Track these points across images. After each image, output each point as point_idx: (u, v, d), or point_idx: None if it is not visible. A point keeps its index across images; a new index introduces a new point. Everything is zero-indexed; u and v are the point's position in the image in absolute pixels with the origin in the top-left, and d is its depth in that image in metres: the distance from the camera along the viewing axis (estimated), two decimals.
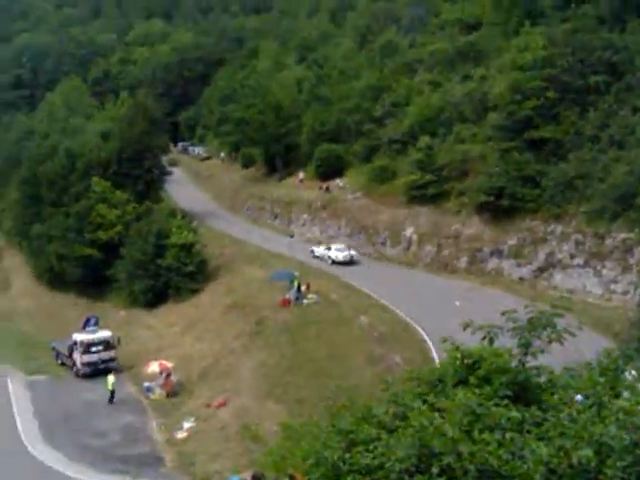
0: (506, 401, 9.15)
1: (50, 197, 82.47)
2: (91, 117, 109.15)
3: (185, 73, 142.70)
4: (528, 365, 10.28)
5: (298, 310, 54.33)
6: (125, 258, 72.17)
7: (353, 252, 68.52)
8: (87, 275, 76.86)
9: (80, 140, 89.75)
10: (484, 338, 10.55)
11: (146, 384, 52.39)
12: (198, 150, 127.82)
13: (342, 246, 69.50)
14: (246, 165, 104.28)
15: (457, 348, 10.52)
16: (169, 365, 52.92)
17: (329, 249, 69.28)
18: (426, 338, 46.13)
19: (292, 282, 57.15)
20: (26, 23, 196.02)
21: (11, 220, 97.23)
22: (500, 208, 58.17)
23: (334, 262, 67.41)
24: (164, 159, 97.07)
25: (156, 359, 54.55)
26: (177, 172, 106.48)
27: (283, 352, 49.01)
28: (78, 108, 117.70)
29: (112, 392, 51.30)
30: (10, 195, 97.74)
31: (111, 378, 51.74)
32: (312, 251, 70.65)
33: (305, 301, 55.70)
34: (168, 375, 51.99)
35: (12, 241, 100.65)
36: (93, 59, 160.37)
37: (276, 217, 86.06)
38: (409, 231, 66.49)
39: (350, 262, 67.68)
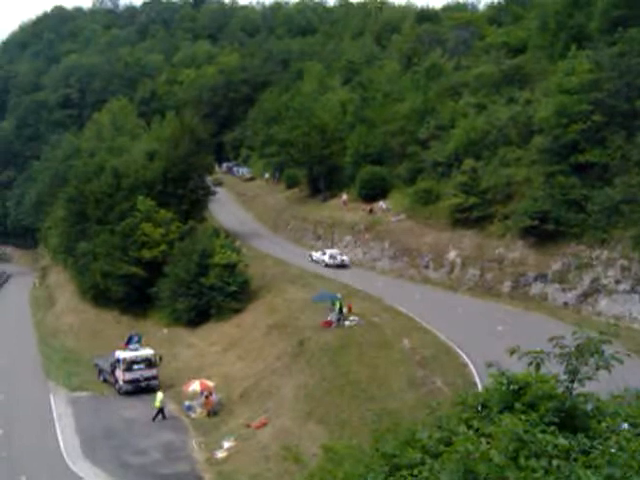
0: (553, 428, 9.04)
1: (96, 215, 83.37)
2: (137, 137, 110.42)
3: (231, 94, 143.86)
4: (575, 392, 10.15)
5: (340, 332, 54.15)
6: (168, 277, 72.63)
7: (345, 257, 76.31)
8: (131, 293, 77.51)
9: (126, 159, 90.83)
10: (531, 364, 10.43)
11: (187, 403, 52.56)
12: (242, 171, 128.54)
13: (335, 251, 77.36)
14: (290, 186, 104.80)
15: (503, 373, 10.43)
16: (210, 384, 53.04)
17: (324, 254, 76.78)
18: (468, 362, 45.67)
19: (334, 303, 56.99)
20: (75, 44, 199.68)
21: (57, 237, 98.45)
22: (545, 232, 57.63)
23: (327, 265, 75.17)
24: (209, 179, 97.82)
25: (197, 378, 54.69)
26: (221, 192, 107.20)
27: (324, 373, 48.84)
28: (125, 128, 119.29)
29: (160, 409, 51.52)
30: (57, 213, 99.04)
31: (160, 395, 51.99)
32: (310, 255, 78.29)
33: (347, 323, 55.50)
34: (209, 394, 52.09)
35: (58, 258, 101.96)
36: (140, 80, 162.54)
37: (319, 238, 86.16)
38: (452, 254, 66.16)
39: (341, 265, 75.31)
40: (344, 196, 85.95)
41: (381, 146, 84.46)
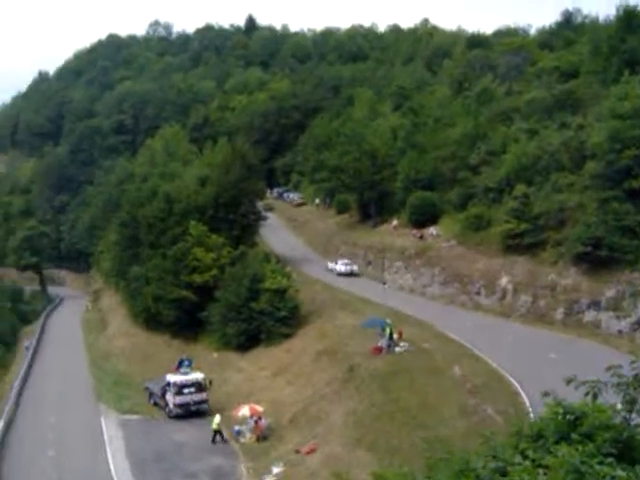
0: (610, 459, 8.88)
1: (148, 239, 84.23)
2: (189, 162, 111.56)
3: (282, 120, 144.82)
4: (633, 423, 9.96)
5: (390, 358, 53.86)
6: (219, 301, 72.96)
7: (355, 267, 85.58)
8: (182, 317, 77.98)
9: (178, 184, 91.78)
10: (587, 394, 10.27)
11: (236, 427, 52.57)
12: (293, 196, 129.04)
13: (346, 261, 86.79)
14: (340, 211, 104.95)
15: (559, 403, 10.27)
16: (260, 409, 53.03)
17: (336, 263, 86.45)
18: (520, 390, 45.12)
19: (384, 329, 56.73)
20: (129, 71, 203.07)
21: (110, 261, 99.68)
22: (598, 259, 56.87)
23: (339, 274, 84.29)
24: (260, 204, 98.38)
25: (247, 402, 54.74)
26: (272, 217, 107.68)
27: (374, 400, 48.57)
28: (177, 153, 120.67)
29: (217, 432, 51.64)
30: (109, 237, 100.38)
31: (217, 418, 52.09)
32: (326, 265, 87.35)
33: (397, 349, 55.22)
34: (258, 419, 52.08)
35: (110, 282, 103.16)
36: (192, 106, 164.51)
37: (369, 264, 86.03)
38: (504, 281, 65.54)
39: (351, 274, 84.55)
40: (394, 222, 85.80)
41: (432, 171, 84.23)
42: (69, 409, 61.14)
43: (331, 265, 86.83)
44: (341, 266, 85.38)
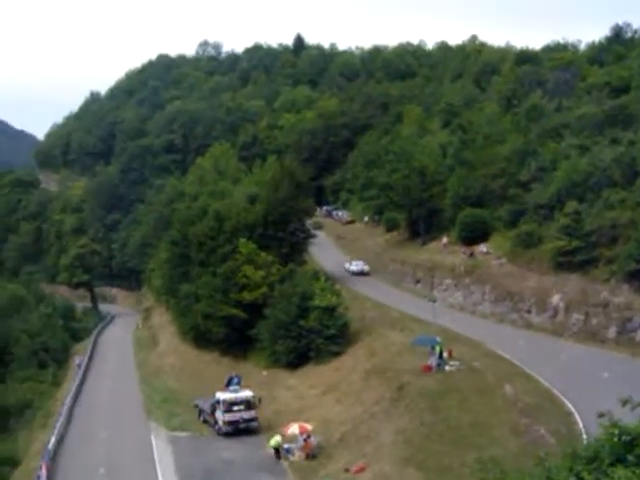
0: None
1: (198, 258, 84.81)
2: (239, 181, 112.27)
3: (330, 138, 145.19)
4: None
5: (440, 376, 53.45)
6: (268, 319, 73.10)
7: (365, 267, 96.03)
8: (231, 334, 78.28)
9: (228, 203, 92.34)
10: None
11: (286, 445, 52.46)
12: (342, 214, 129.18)
13: (360, 262, 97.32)
14: (389, 229, 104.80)
15: (614, 424, 10.10)
16: (309, 427, 52.87)
17: (351, 265, 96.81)
18: (572, 410, 44.49)
19: (434, 348, 56.35)
20: (179, 91, 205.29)
21: (160, 279, 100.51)
22: None
23: (353, 273, 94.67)
24: (308, 222, 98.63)
25: (296, 420, 54.64)
26: (321, 235, 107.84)
27: (424, 419, 48.18)
28: (227, 172, 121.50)
29: (277, 449, 51.61)
30: (160, 255, 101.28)
31: (277, 438, 52.00)
32: (345, 266, 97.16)
33: (447, 368, 54.80)
34: (308, 437, 51.93)
35: (161, 300, 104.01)
36: (241, 125, 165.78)
37: (418, 281, 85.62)
38: (556, 298, 64.75)
39: (362, 273, 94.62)
40: (444, 239, 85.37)
41: (481, 188, 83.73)
42: (120, 425, 61.74)
43: (347, 265, 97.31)
44: (354, 267, 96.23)
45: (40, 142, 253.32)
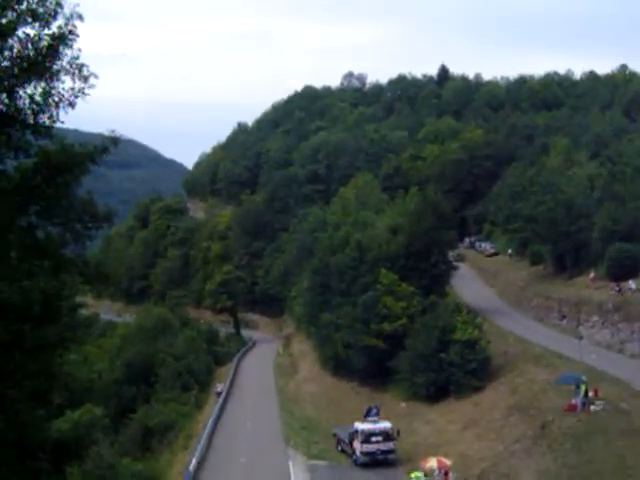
0: None
1: (339, 287, 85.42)
2: (381, 211, 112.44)
3: (474, 169, 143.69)
4: None
5: (585, 417, 51.76)
6: (408, 350, 72.80)
7: None
8: (370, 365, 78.29)
9: (370, 233, 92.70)
10: None
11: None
12: (485, 246, 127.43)
13: None
14: (534, 262, 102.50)
15: None
16: (447, 462, 52.09)
17: None
18: None
19: (579, 387, 54.69)
20: (323, 121, 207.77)
21: (302, 307, 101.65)
22: None
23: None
24: (451, 254, 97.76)
25: (434, 455, 53.96)
26: (463, 267, 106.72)
27: (567, 460, 46.72)
28: (369, 202, 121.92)
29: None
30: (302, 283, 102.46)
31: (419, 473, 51.57)
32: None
33: (592, 407, 53.02)
34: (446, 473, 51.15)
35: (301, 327, 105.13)
36: (384, 155, 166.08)
37: (563, 317, 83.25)
38: None
39: None
40: (591, 274, 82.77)
41: (631, 222, 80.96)
42: (258, 450, 62.42)
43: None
44: None
45: (189, 171, 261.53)
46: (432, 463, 52.02)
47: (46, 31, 19.47)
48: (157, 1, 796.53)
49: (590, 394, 54.07)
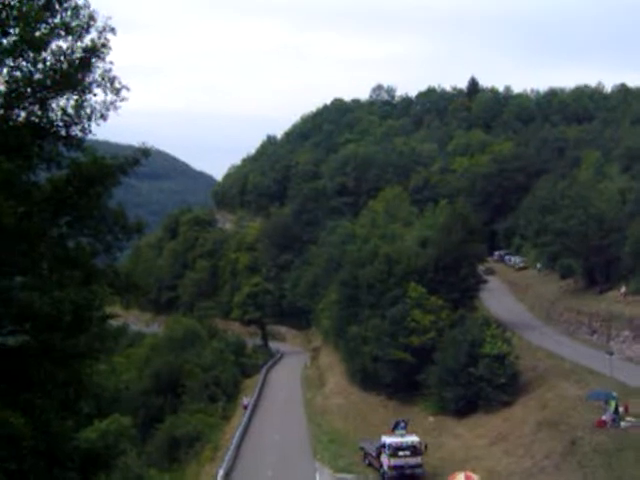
0: None
1: (368, 300, 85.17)
2: (410, 224, 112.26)
3: (504, 183, 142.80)
4: None
5: (615, 433, 51.25)
6: (437, 364, 72.45)
7: None
8: (398, 378, 78.01)
9: (399, 246, 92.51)
10: None
11: None
12: (514, 259, 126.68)
13: None
14: (564, 276, 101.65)
15: None
16: (475, 477, 51.68)
17: None
18: None
19: (609, 402, 54.14)
20: (352, 134, 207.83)
21: (329, 320, 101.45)
22: None
23: None
24: (480, 268, 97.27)
25: (462, 470, 53.58)
26: (493, 281, 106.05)
27: (597, 477, 46.37)
28: (398, 215, 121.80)
29: None
30: (330, 296, 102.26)
31: (460, 477, 51.12)
32: None
33: (623, 424, 52.51)
34: None
35: (329, 340, 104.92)
36: (414, 168, 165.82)
37: (594, 332, 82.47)
38: None
39: None
40: (623, 289, 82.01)
41: None
42: (285, 463, 62.21)
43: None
44: None
45: (218, 183, 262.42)
46: (460, 478, 51.64)
47: (79, 44, 19.59)
48: (189, 14, 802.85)
49: (620, 410, 53.55)
